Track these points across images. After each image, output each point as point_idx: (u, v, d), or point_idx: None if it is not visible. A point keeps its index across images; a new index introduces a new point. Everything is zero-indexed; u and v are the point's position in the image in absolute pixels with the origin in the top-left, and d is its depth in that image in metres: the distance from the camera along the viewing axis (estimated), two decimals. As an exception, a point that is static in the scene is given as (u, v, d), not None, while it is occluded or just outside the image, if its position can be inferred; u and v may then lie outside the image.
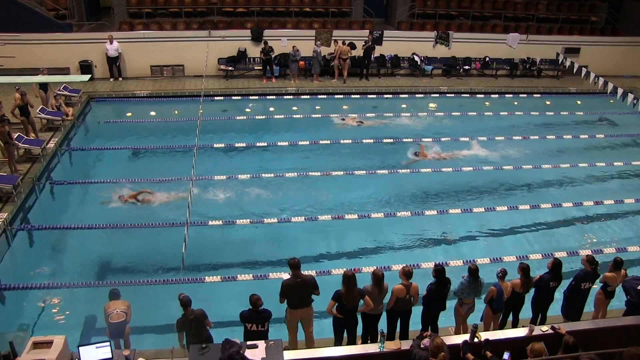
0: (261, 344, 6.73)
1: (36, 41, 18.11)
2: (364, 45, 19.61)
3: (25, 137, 13.39)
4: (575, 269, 8.52)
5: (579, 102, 19.72)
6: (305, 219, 11.43)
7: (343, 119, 17.02)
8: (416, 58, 20.82)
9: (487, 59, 21.32)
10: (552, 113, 18.24)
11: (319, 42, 19.16)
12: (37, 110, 14.52)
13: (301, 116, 17.43)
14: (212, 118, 16.37)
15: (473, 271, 7.71)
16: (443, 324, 8.22)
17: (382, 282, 7.43)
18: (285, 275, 7.92)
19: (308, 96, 18.84)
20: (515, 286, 7.87)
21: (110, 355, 6.45)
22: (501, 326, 8.23)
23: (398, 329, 7.86)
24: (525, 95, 19.99)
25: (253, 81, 19.71)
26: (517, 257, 10.33)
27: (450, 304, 8.10)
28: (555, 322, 7.51)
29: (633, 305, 7.85)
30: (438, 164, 14.38)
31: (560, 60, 16.50)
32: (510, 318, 8.33)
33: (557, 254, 9.92)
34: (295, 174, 13.21)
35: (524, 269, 7.83)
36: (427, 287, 7.74)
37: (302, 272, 7.50)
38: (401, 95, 19.29)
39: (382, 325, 7.70)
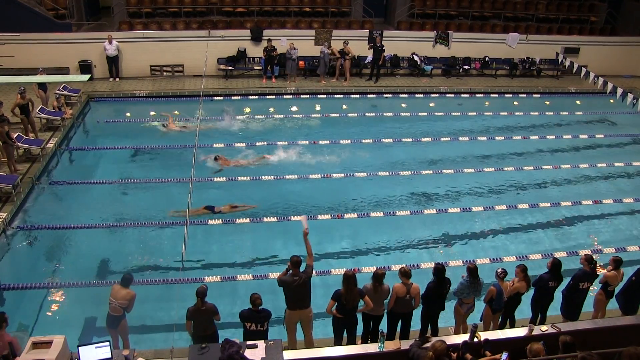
0: (261, 343, 6.74)
1: (35, 41, 18.10)
2: (370, 47, 19.59)
3: (25, 136, 13.39)
4: (575, 269, 8.51)
5: (578, 102, 19.74)
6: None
7: (164, 125, 15.77)
8: (416, 58, 20.82)
9: (487, 58, 21.32)
10: (552, 113, 18.27)
11: (326, 43, 19.15)
12: (37, 110, 14.51)
13: (301, 116, 17.42)
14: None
15: (472, 271, 7.72)
16: (443, 324, 8.23)
17: (381, 280, 7.43)
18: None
19: (308, 96, 18.84)
20: (521, 288, 7.87)
21: (109, 355, 6.45)
22: (501, 326, 8.23)
23: (398, 330, 7.87)
24: (524, 95, 20.00)
25: (253, 81, 19.71)
26: (517, 257, 10.36)
27: (450, 304, 8.11)
28: (554, 322, 7.52)
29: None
30: (239, 171, 13.30)
31: (559, 60, 16.51)
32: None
33: (557, 254, 9.94)
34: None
35: (524, 270, 7.86)
36: (426, 285, 7.76)
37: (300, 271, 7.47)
38: (401, 95, 19.29)
39: (383, 326, 7.70)
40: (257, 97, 18.69)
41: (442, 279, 7.67)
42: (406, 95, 19.35)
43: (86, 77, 15.15)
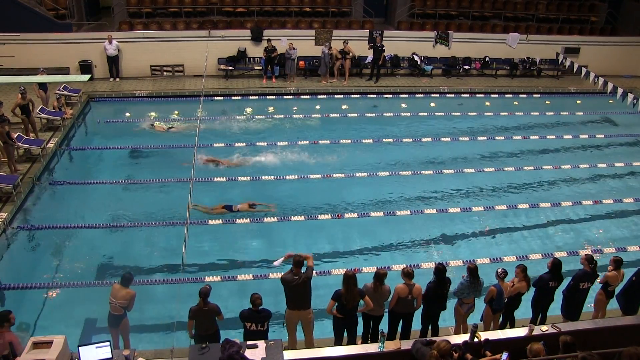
0: (261, 343, 6.75)
1: (36, 41, 18.10)
2: (371, 47, 19.57)
3: (25, 136, 13.39)
4: (575, 269, 8.52)
5: (578, 102, 19.74)
6: (305, 218, 11.45)
7: (152, 125, 15.83)
8: (416, 58, 20.82)
9: (487, 58, 21.32)
10: (552, 113, 18.27)
11: (327, 44, 19.14)
12: (37, 110, 14.52)
13: (301, 116, 17.43)
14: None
15: (472, 270, 7.73)
16: (443, 324, 8.22)
17: (382, 280, 7.44)
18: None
19: (308, 96, 18.83)
20: (522, 289, 7.88)
21: (110, 355, 6.45)
22: (501, 326, 8.24)
23: (399, 330, 7.87)
24: (525, 95, 20.00)
25: (253, 81, 19.71)
26: (517, 257, 10.35)
27: (451, 304, 8.11)
28: (555, 322, 7.52)
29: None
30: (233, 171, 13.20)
31: (560, 60, 16.50)
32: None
33: (557, 254, 9.95)
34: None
35: (524, 270, 7.87)
36: (426, 285, 7.77)
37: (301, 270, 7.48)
38: (401, 95, 19.29)
39: (384, 326, 7.70)
40: (257, 97, 18.69)
41: (442, 279, 7.67)
42: (406, 95, 19.34)
43: (86, 77, 15.11)
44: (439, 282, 7.68)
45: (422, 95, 19.47)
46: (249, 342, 6.74)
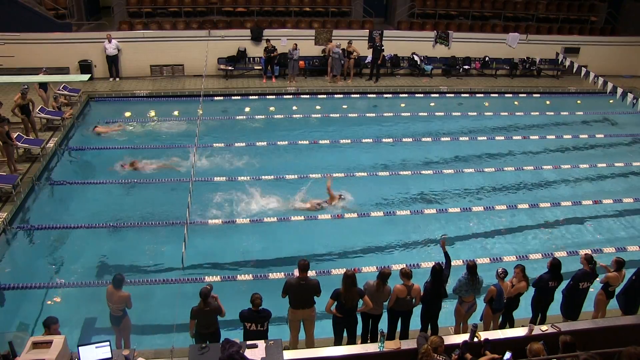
0: (261, 343, 6.75)
1: (36, 41, 18.10)
2: (370, 46, 19.57)
3: (25, 136, 13.39)
4: (575, 269, 8.51)
5: (578, 102, 19.75)
6: (304, 218, 11.44)
7: (94, 128, 15.54)
8: (416, 58, 20.81)
9: (487, 58, 21.32)
10: (552, 113, 18.27)
11: (339, 43, 19.10)
12: (37, 110, 14.52)
13: (301, 116, 17.42)
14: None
15: (471, 268, 7.73)
16: (443, 324, 8.22)
17: (385, 280, 7.44)
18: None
19: (308, 96, 18.84)
20: (522, 289, 7.88)
21: (109, 355, 6.45)
22: (500, 326, 8.23)
23: (398, 329, 7.87)
24: (525, 95, 20.00)
25: (253, 81, 19.71)
26: (517, 257, 10.36)
27: (450, 303, 8.11)
28: (555, 322, 7.52)
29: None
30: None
31: (559, 60, 16.50)
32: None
33: (557, 254, 9.94)
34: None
35: (523, 269, 7.88)
36: (423, 285, 7.77)
37: (308, 275, 7.50)
38: (401, 95, 19.29)
39: (383, 325, 7.71)
40: (257, 97, 18.69)
41: (438, 279, 7.67)
42: (406, 95, 19.34)
43: (86, 77, 15.05)
44: (434, 282, 7.67)
45: (422, 95, 19.47)
46: (249, 342, 6.74)
